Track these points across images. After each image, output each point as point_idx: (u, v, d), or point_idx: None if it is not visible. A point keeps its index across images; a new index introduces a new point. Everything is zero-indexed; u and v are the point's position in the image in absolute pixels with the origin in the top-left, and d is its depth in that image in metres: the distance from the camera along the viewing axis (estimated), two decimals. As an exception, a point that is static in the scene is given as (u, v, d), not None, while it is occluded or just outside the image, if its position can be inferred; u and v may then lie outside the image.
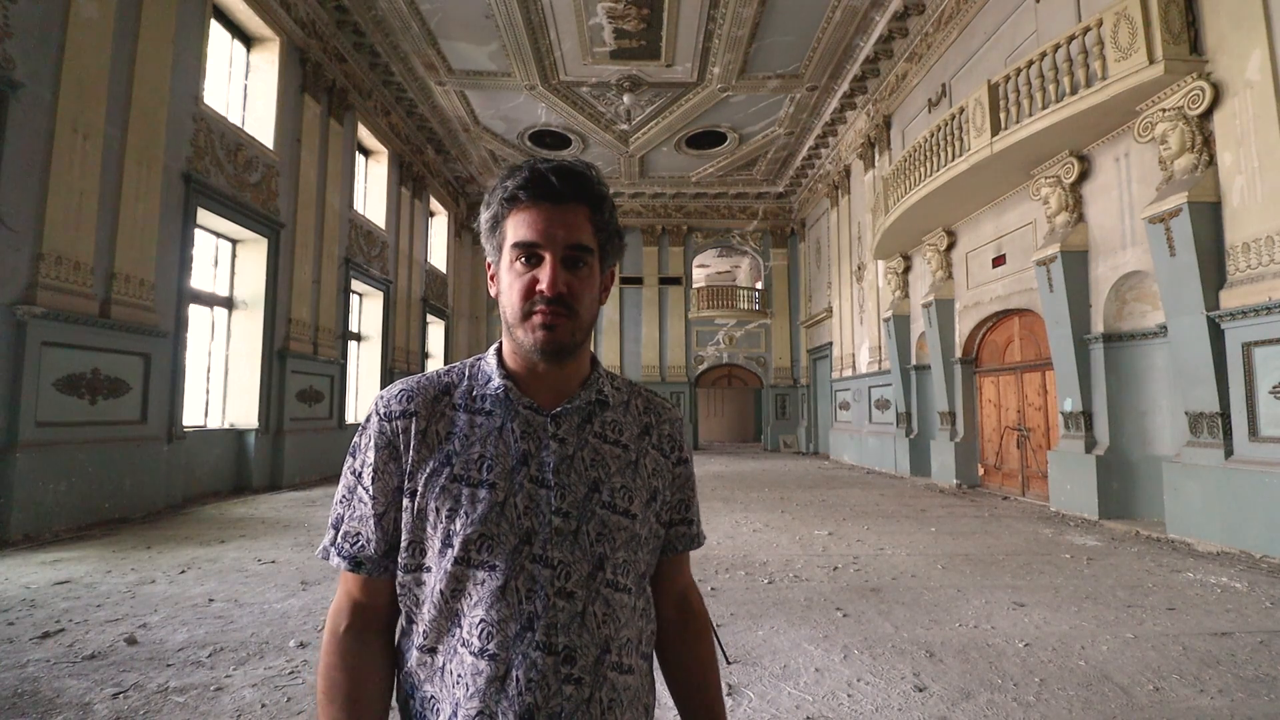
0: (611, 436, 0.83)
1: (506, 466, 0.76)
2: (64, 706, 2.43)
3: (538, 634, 0.72)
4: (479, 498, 0.74)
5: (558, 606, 0.73)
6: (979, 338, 9.46)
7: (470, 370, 0.84)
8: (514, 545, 0.74)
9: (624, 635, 0.78)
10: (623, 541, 0.79)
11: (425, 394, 0.80)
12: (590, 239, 0.77)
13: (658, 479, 0.85)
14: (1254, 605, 3.72)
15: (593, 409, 0.83)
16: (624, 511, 0.80)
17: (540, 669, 0.71)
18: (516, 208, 0.76)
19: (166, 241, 7.22)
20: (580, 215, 0.77)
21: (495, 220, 0.79)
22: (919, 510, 7.33)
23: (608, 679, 0.75)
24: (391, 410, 0.79)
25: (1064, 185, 7.02)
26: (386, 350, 13.17)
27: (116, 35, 6.40)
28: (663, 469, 0.86)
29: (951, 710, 2.46)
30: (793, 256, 19.00)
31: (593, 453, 0.80)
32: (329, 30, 10.38)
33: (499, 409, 0.79)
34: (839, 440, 14.79)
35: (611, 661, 0.76)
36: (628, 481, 0.81)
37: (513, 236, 0.76)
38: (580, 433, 0.81)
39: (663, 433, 0.88)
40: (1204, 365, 5.33)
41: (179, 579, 4.25)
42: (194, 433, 7.87)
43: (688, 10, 10.12)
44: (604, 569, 0.77)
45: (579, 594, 0.75)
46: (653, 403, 0.91)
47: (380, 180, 13.42)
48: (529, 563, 0.74)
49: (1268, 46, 4.91)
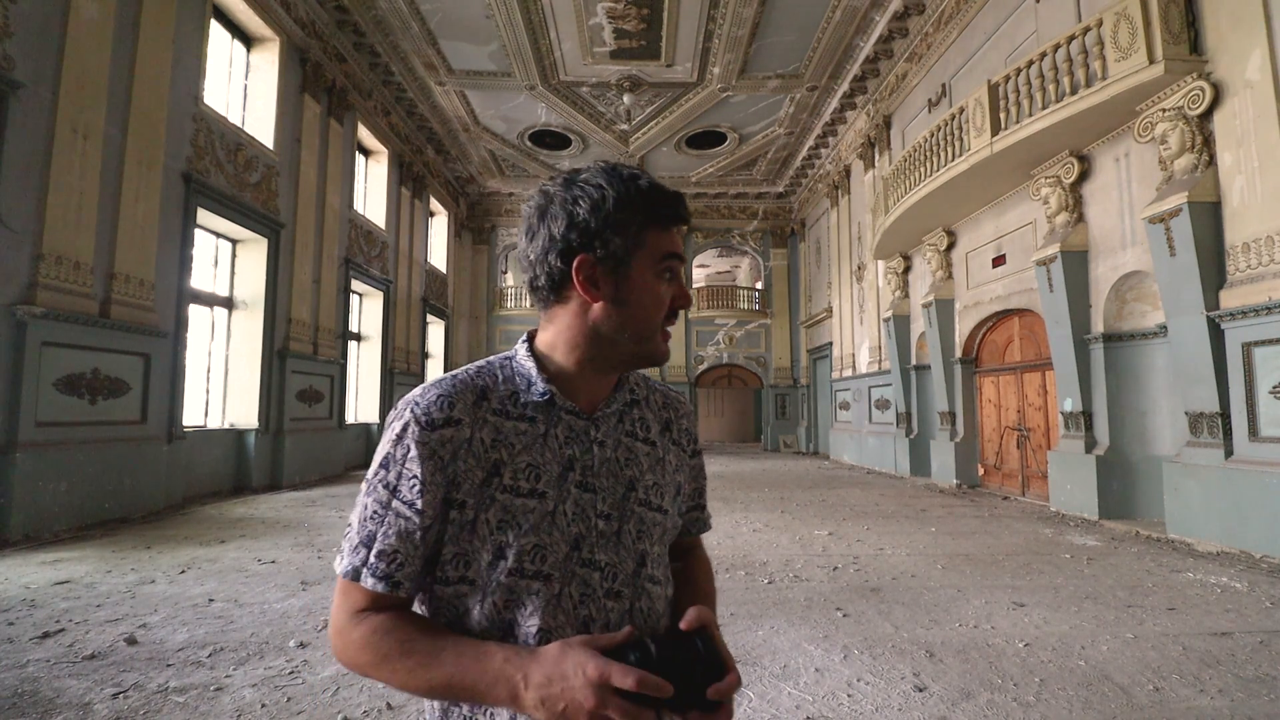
0: (640, 434, 0.85)
1: (554, 474, 0.76)
2: (64, 706, 2.43)
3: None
4: (530, 507, 0.73)
5: (608, 608, 0.75)
6: (979, 338, 9.46)
7: (504, 373, 0.80)
8: (565, 552, 0.74)
9: (663, 626, 0.81)
10: (658, 537, 0.82)
11: (465, 400, 0.75)
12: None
13: (680, 474, 0.88)
14: (1254, 605, 3.72)
15: (625, 409, 0.85)
16: (658, 508, 0.82)
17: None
18: (663, 226, 0.78)
19: (166, 241, 7.22)
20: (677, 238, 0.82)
21: (636, 228, 0.76)
22: (919, 510, 7.33)
23: None
24: (434, 419, 0.73)
25: (1064, 185, 7.02)
26: (386, 350, 13.17)
27: (116, 35, 6.40)
28: (683, 464, 0.90)
29: (951, 710, 2.46)
30: (793, 256, 19.00)
31: (626, 452, 0.82)
32: (329, 30, 10.38)
33: (541, 415, 0.78)
34: (839, 440, 14.79)
35: None
36: (658, 478, 0.84)
37: (665, 248, 0.77)
38: (615, 433, 0.82)
39: (681, 427, 0.91)
40: (1204, 365, 5.33)
41: (179, 579, 4.25)
42: (194, 433, 7.87)
43: (688, 10, 10.12)
44: (645, 565, 0.79)
45: (625, 593, 0.77)
46: (669, 398, 0.93)
47: (380, 180, 13.42)
48: (579, 568, 0.74)
49: (1268, 46, 4.91)
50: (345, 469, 11.23)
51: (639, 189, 0.77)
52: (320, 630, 3.30)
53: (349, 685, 2.67)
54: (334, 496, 8.27)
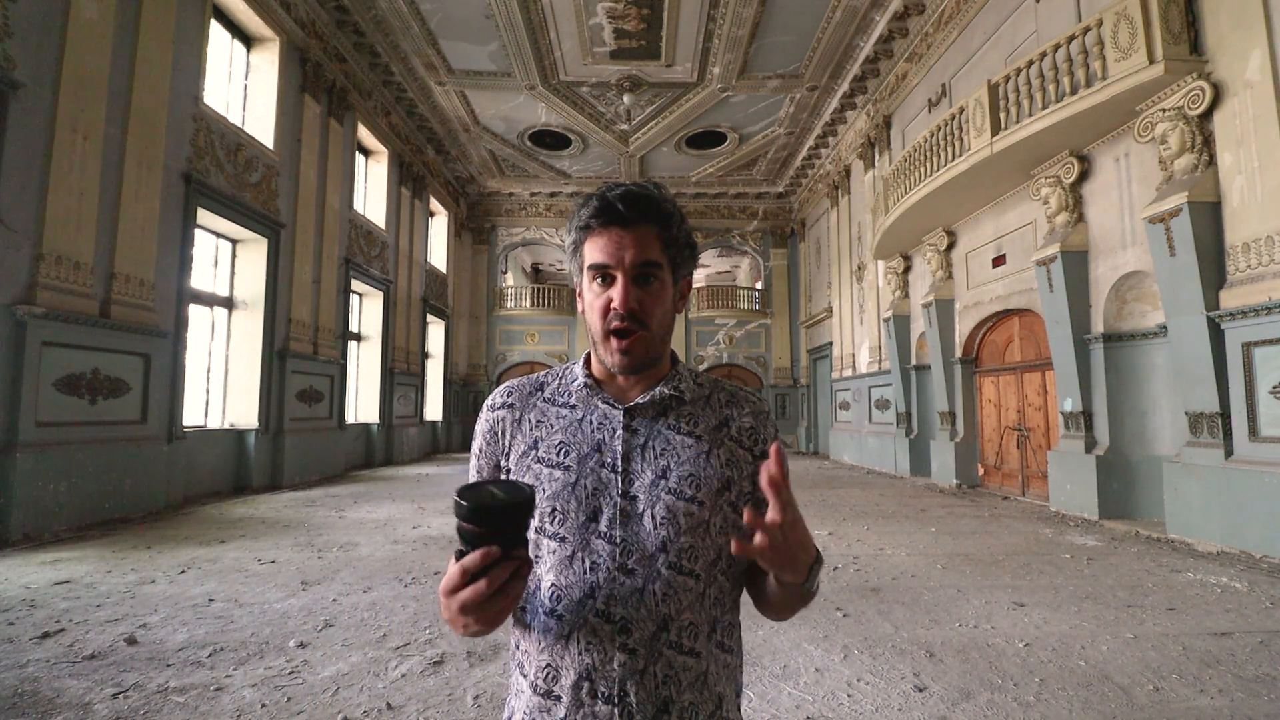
0: (685, 428, 0.89)
1: (581, 452, 0.86)
2: (64, 706, 2.43)
3: (598, 602, 0.80)
4: (554, 477, 0.85)
5: (617, 580, 0.80)
6: (979, 338, 9.46)
7: (564, 372, 0.96)
8: (582, 521, 0.83)
9: (685, 618, 0.82)
10: (688, 527, 0.83)
11: (522, 390, 0.94)
12: (659, 255, 0.85)
13: (732, 469, 0.88)
14: (1254, 605, 3.72)
15: (668, 404, 0.89)
16: (689, 498, 0.84)
17: (598, 634, 0.79)
18: (591, 234, 0.85)
19: (166, 241, 7.22)
20: (649, 234, 0.84)
21: (575, 245, 0.88)
22: (919, 510, 7.33)
23: (664, 655, 0.80)
24: (495, 403, 0.94)
25: (1064, 185, 7.02)
26: (386, 350, 13.17)
27: (116, 35, 6.39)
28: (740, 460, 0.89)
29: (951, 710, 2.46)
30: (793, 256, 18.99)
31: (664, 442, 0.87)
32: (329, 30, 10.38)
33: (580, 403, 0.90)
34: (839, 440, 14.79)
35: (669, 640, 0.80)
36: (696, 470, 0.86)
37: (588, 259, 0.85)
38: (653, 425, 0.88)
39: (743, 425, 0.92)
40: (1204, 365, 5.32)
41: (179, 579, 4.25)
42: (194, 433, 7.87)
43: (688, 10, 10.12)
44: (667, 551, 0.82)
45: (639, 571, 0.81)
46: (737, 396, 0.95)
47: (380, 180, 13.42)
48: (594, 538, 0.82)
49: (1268, 46, 4.91)
50: (345, 469, 11.23)
51: (583, 204, 0.87)
52: (320, 630, 3.30)
53: (349, 685, 2.67)
54: (334, 496, 8.27)
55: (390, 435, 13.18)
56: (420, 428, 14.90)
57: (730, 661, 0.86)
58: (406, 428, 14.00)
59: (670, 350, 0.93)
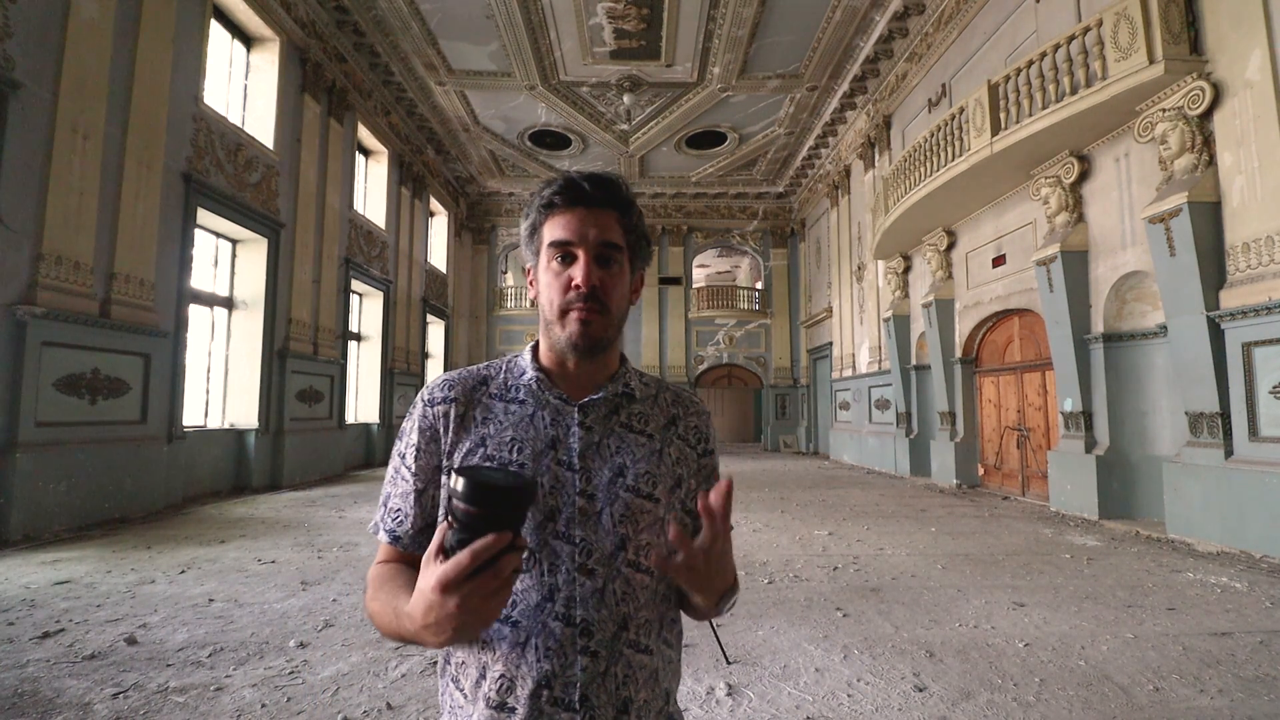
0: (637, 426, 0.88)
1: (536, 449, 0.82)
2: (64, 706, 2.43)
3: (557, 605, 0.77)
4: None
5: (578, 581, 0.78)
6: (979, 338, 9.46)
7: (507, 365, 0.91)
8: (539, 521, 0.79)
9: (643, 615, 0.81)
10: (646, 524, 0.82)
11: (465, 383, 0.88)
12: (620, 239, 0.84)
13: (682, 467, 0.88)
14: (1254, 605, 3.72)
15: (619, 401, 0.88)
16: (647, 495, 0.83)
17: (558, 638, 0.76)
18: (553, 213, 0.84)
19: (166, 241, 7.22)
20: (610, 218, 0.84)
21: (534, 227, 0.86)
22: (919, 510, 7.33)
23: (624, 655, 0.78)
24: (434, 397, 0.86)
25: (1064, 185, 7.02)
26: (386, 350, 13.16)
27: (116, 35, 6.39)
28: (688, 458, 0.90)
29: (951, 710, 2.46)
30: (793, 256, 18.99)
31: (618, 440, 0.85)
32: (329, 30, 10.38)
33: (531, 398, 0.86)
34: (839, 440, 14.79)
35: (629, 639, 0.79)
36: (652, 468, 0.85)
37: (549, 237, 0.84)
38: (606, 422, 0.86)
39: (689, 424, 0.92)
40: (1204, 365, 5.32)
41: (179, 579, 4.25)
42: (194, 433, 7.87)
43: (688, 10, 10.12)
44: (626, 549, 0.80)
45: (599, 571, 0.79)
46: (681, 396, 0.96)
47: (380, 180, 13.42)
48: (552, 539, 0.79)
49: (1268, 46, 4.91)
50: (345, 469, 11.23)
51: (546, 185, 0.86)
52: (320, 630, 3.30)
53: (349, 685, 2.67)
54: (334, 496, 8.27)
55: (390, 435, 13.17)
56: (420, 428, 14.89)
57: (672, 656, 0.86)
58: (406, 428, 13.99)
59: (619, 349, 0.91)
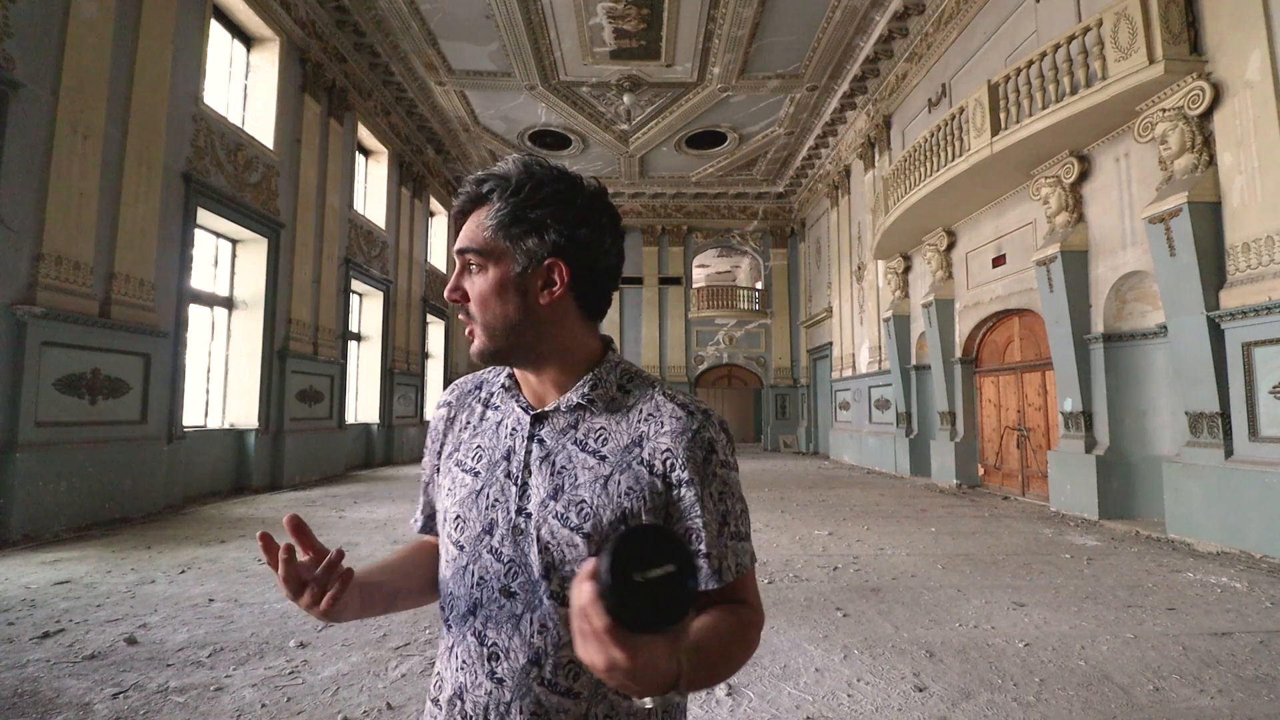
0: (592, 445, 0.76)
1: (492, 459, 0.80)
2: (64, 706, 2.43)
3: (476, 621, 0.75)
4: (464, 482, 0.81)
5: (498, 602, 0.74)
6: (979, 338, 9.46)
7: (499, 370, 0.89)
8: (477, 532, 0.77)
9: (563, 654, 0.71)
10: (572, 558, 0.72)
11: (463, 388, 0.91)
12: (479, 241, 0.76)
13: (632, 500, 0.72)
14: (1254, 605, 3.72)
15: (580, 414, 0.78)
16: (574, 527, 0.72)
17: (472, 654, 0.75)
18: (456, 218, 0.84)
19: (166, 241, 7.22)
20: (473, 221, 0.78)
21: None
22: (919, 510, 7.33)
23: (533, 691, 0.71)
24: (442, 400, 0.92)
25: (1064, 185, 7.02)
26: (386, 350, 13.16)
27: (116, 35, 6.39)
28: (642, 490, 0.73)
29: (951, 710, 2.46)
30: (793, 256, 19.00)
31: (566, 458, 0.76)
32: (329, 30, 10.38)
33: (502, 405, 0.85)
34: (839, 440, 14.79)
35: (542, 676, 0.71)
36: (591, 497, 0.73)
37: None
38: (561, 436, 0.77)
39: (658, 446, 0.74)
40: (1204, 365, 5.32)
41: (179, 579, 4.25)
42: (194, 433, 7.87)
43: (688, 10, 10.12)
44: (549, 579, 0.72)
45: (520, 596, 0.73)
46: (661, 409, 0.77)
47: (380, 180, 13.42)
48: (486, 552, 0.76)
49: (1268, 46, 4.91)
50: (345, 469, 11.23)
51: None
52: (320, 630, 3.30)
53: (349, 685, 2.67)
54: (334, 497, 8.27)
55: (390, 435, 13.19)
56: (420, 428, 14.88)
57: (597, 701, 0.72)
58: (406, 428, 14.00)
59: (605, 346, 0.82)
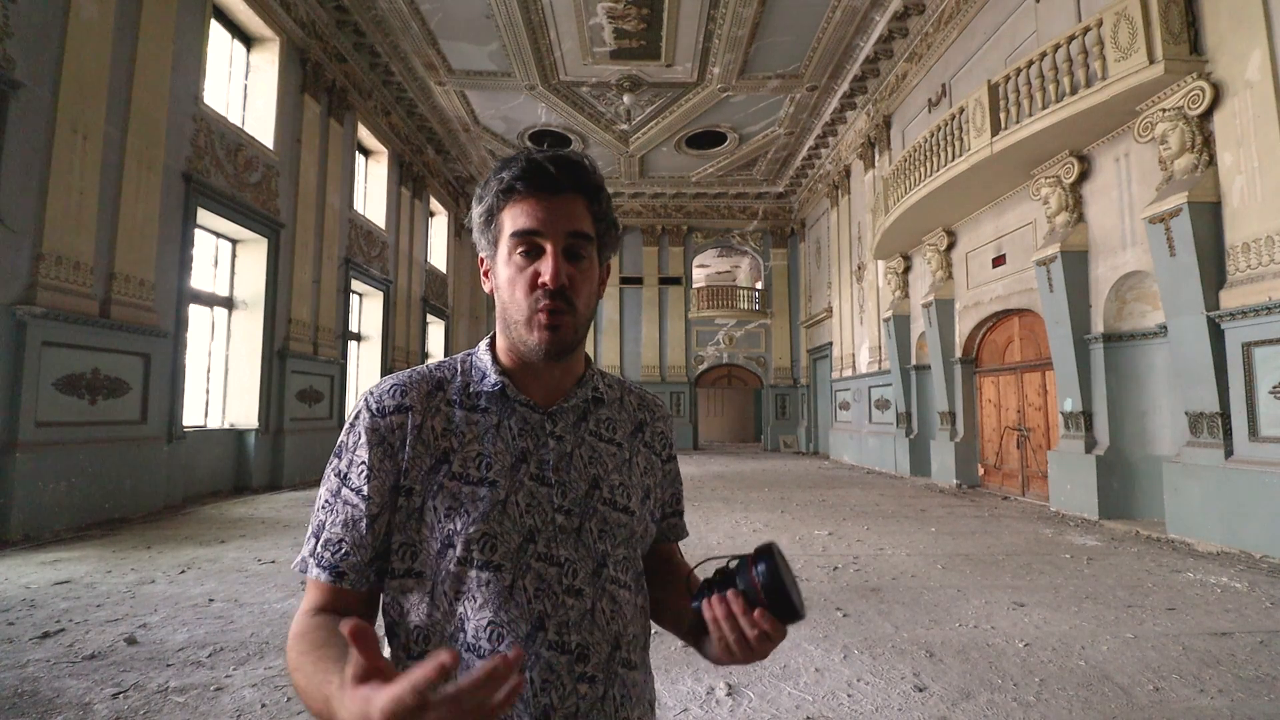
0: (606, 434, 0.82)
1: (506, 464, 0.74)
2: (64, 706, 2.43)
3: (550, 633, 0.70)
4: (479, 496, 0.72)
5: (568, 605, 0.72)
6: (979, 338, 9.46)
7: (463, 366, 0.81)
8: (518, 544, 0.72)
9: (631, 631, 0.77)
10: (623, 539, 0.78)
11: (419, 388, 0.77)
12: (590, 227, 0.76)
13: (649, 477, 0.85)
14: (1254, 605, 3.72)
15: (588, 406, 0.83)
16: (623, 509, 0.79)
17: (555, 669, 0.70)
18: (513, 199, 0.74)
19: (166, 241, 7.22)
20: (579, 205, 0.75)
21: (490, 212, 0.76)
22: (919, 510, 7.33)
23: (619, 675, 0.75)
24: (385, 406, 0.75)
25: (1064, 185, 7.02)
26: (386, 350, 13.16)
27: (116, 35, 6.39)
28: (654, 467, 0.87)
29: (951, 710, 2.46)
30: (793, 256, 19.00)
31: (590, 450, 0.80)
32: (329, 30, 10.37)
33: (495, 406, 0.77)
34: (839, 440, 14.79)
35: (622, 658, 0.75)
36: (625, 479, 0.81)
37: (511, 226, 0.74)
38: (576, 430, 0.80)
39: (655, 430, 0.89)
40: (1204, 365, 5.32)
41: (179, 579, 4.25)
42: (194, 433, 7.87)
43: (688, 10, 10.11)
44: (607, 566, 0.76)
45: (587, 591, 0.74)
46: (645, 400, 0.91)
47: (380, 180, 13.41)
48: (535, 561, 0.72)
49: (1268, 46, 4.91)
50: (345, 469, 11.21)
51: (504, 165, 0.76)
52: (320, 630, 3.30)
53: (349, 685, 2.66)
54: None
55: (390, 435, 13.18)
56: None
57: (649, 667, 0.82)
58: (406, 428, 14.00)
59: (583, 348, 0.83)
